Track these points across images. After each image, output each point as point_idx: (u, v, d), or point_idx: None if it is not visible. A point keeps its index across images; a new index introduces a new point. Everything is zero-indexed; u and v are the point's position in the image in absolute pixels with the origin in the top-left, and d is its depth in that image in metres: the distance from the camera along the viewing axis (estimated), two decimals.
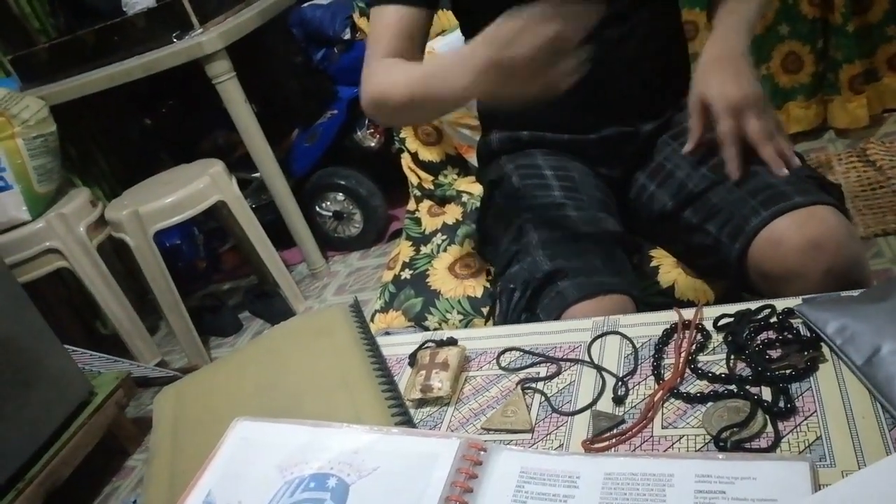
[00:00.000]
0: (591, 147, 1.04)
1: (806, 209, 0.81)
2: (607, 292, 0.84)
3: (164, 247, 2.44)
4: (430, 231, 1.46)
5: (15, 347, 1.62)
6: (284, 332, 0.85)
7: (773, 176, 0.86)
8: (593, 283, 0.85)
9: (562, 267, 0.88)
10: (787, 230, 0.81)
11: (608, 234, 0.94)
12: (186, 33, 2.15)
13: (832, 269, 0.79)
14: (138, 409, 2.18)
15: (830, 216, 0.81)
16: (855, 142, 2.07)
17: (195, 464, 0.66)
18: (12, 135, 2.04)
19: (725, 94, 0.86)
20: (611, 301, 0.83)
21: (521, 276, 0.90)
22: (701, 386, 0.61)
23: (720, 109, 0.86)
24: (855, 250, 0.82)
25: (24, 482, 1.59)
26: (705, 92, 0.88)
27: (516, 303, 0.89)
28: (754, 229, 0.83)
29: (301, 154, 2.53)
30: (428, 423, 0.68)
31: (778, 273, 0.82)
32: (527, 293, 0.88)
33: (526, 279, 0.89)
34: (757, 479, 0.49)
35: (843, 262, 0.79)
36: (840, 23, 1.98)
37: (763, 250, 0.83)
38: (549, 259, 0.90)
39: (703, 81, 0.90)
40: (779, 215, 0.82)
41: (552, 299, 0.86)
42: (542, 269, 0.88)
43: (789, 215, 0.81)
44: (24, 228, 2.08)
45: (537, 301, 0.87)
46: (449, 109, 1.26)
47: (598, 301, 0.83)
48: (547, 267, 0.88)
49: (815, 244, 0.79)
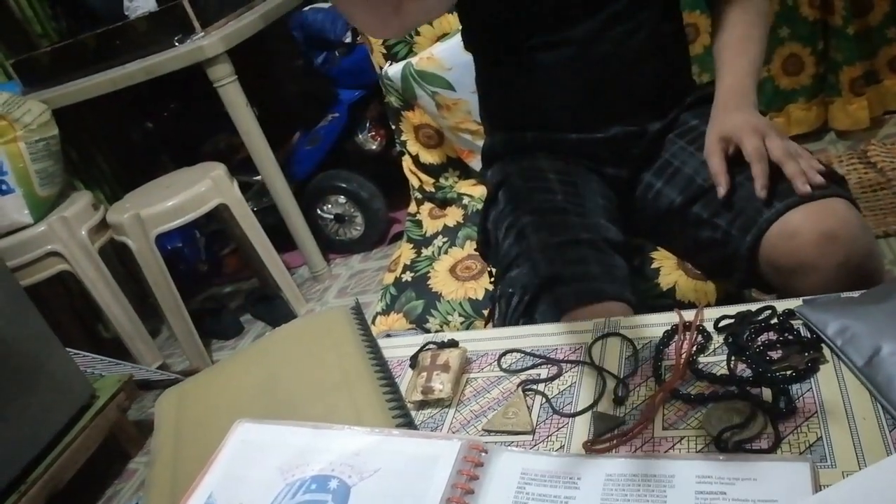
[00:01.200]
0: (598, 147, 1.04)
1: (820, 202, 0.81)
2: (605, 299, 0.84)
3: (165, 250, 2.44)
4: (431, 233, 1.47)
5: (17, 350, 1.62)
6: (285, 335, 0.85)
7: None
8: (591, 290, 0.85)
9: (560, 273, 0.88)
10: (802, 222, 0.80)
11: (608, 241, 0.94)
12: (188, 37, 2.15)
13: (847, 261, 0.79)
14: (140, 412, 2.18)
15: (844, 209, 0.81)
16: (856, 143, 2.07)
17: (197, 466, 0.67)
18: (14, 138, 2.04)
19: (746, 121, 0.88)
20: (608, 308, 0.83)
21: (520, 281, 0.91)
22: (701, 387, 0.61)
23: (744, 134, 0.87)
24: (868, 243, 0.82)
25: (26, 485, 1.59)
26: (723, 128, 0.90)
27: (514, 307, 0.89)
28: (767, 221, 0.83)
29: (302, 157, 2.53)
30: (429, 425, 0.68)
31: (791, 265, 0.82)
32: (525, 298, 0.88)
33: (525, 284, 0.89)
34: (757, 480, 0.50)
35: (858, 254, 0.79)
36: (840, 25, 1.98)
37: (776, 242, 0.82)
38: (548, 264, 0.90)
39: (719, 121, 0.91)
40: (792, 207, 0.81)
41: (550, 305, 0.86)
42: (540, 275, 0.89)
43: (803, 207, 0.81)
44: (26, 232, 2.08)
45: (535, 306, 0.87)
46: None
47: (596, 308, 0.83)
48: (546, 272, 0.88)
49: (830, 236, 0.79)
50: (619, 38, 0.97)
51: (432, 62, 1.45)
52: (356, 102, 2.41)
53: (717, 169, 0.88)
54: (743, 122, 0.88)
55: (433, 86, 1.46)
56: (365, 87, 2.34)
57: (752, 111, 0.91)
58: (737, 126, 0.88)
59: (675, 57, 1.07)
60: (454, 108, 1.48)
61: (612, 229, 0.97)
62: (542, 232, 0.94)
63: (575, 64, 0.98)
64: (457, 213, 1.49)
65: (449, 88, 1.45)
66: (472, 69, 1.17)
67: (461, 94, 1.45)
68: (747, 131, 0.87)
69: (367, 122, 2.47)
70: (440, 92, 1.46)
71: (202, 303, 2.68)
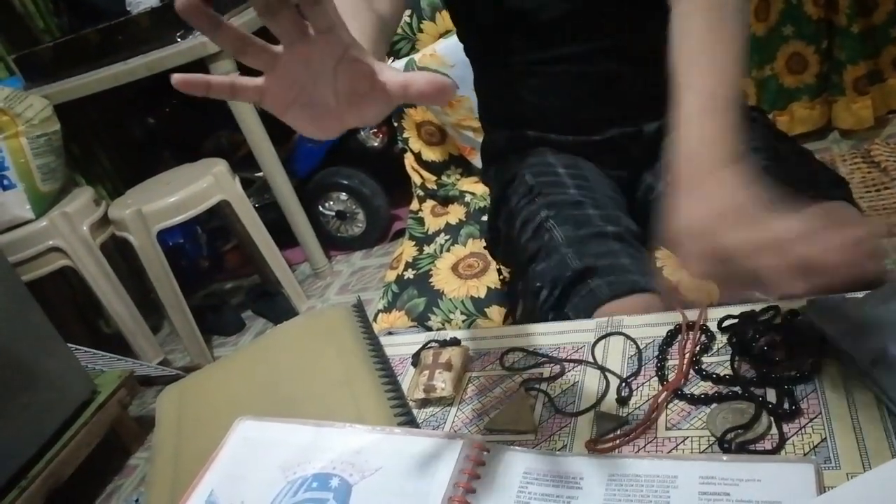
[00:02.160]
0: (596, 149, 1.04)
1: (820, 206, 0.81)
2: (639, 291, 0.83)
3: (167, 246, 2.44)
4: (433, 231, 1.46)
5: (18, 346, 1.62)
6: (287, 332, 0.85)
7: (785, 171, 0.85)
8: (625, 282, 0.83)
9: (592, 265, 0.86)
10: None
11: (630, 232, 0.93)
12: (190, 33, 2.15)
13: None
14: (141, 408, 2.19)
15: (845, 213, 0.80)
16: (859, 143, 2.07)
17: (198, 463, 0.66)
18: (16, 133, 2.04)
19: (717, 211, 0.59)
20: (641, 300, 0.82)
21: (548, 275, 0.89)
22: (705, 387, 0.61)
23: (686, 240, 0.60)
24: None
25: (27, 480, 1.59)
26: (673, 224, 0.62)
27: (544, 301, 0.87)
28: None
29: (304, 154, 2.53)
30: (431, 424, 0.68)
31: None
32: (555, 292, 0.86)
33: (555, 277, 0.87)
34: (761, 481, 0.49)
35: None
36: (845, 24, 1.97)
37: None
38: (578, 257, 0.88)
39: (677, 211, 0.62)
40: None
41: (583, 298, 0.84)
42: (571, 268, 0.87)
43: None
44: (28, 227, 2.09)
45: (567, 300, 0.85)
46: None
47: (630, 300, 0.82)
48: (577, 265, 0.87)
49: None
50: (615, 50, 0.97)
51: (435, 59, 1.45)
52: None
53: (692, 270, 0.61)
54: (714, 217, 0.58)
55: None
56: None
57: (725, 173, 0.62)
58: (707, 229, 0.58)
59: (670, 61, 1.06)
60: (457, 105, 1.47)
61: (629, 219, 0.96)
62: (564, 225, 0.93)
63: (570, 71, 0.98)
64: (459, 211, 1.49)
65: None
66: None
67: (464, 91, 1.44)
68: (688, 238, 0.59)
69: None
70: None
71: (203, 299, 2.68)
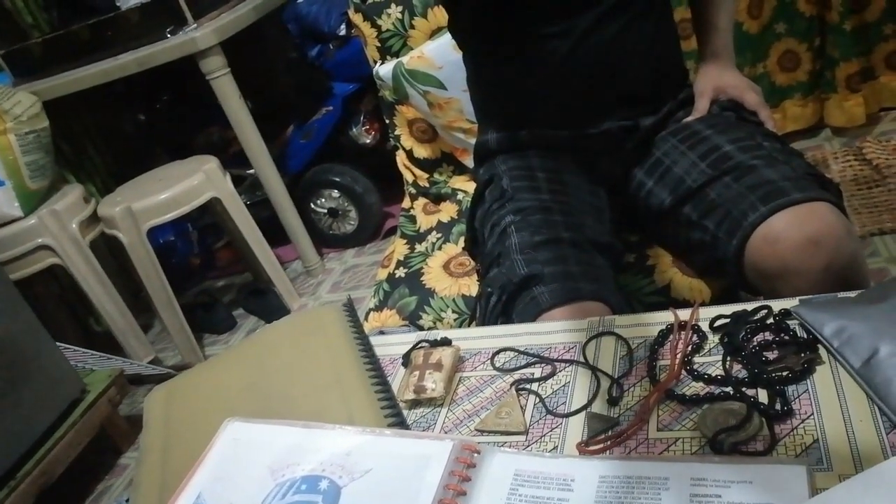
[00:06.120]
0: (592, 142, 1.03)
1: (804, 205, 0.80)
2: (582, 299, 0.83)
3: (157, 243, 2.43)
4: (424, 229, 1.46)
5: (7, 344, 1.61)
6: (276, 332, 0.84)
7: (772, 172, 0.85)
8: (568, 290, 0.84)
9: (537, 272, 0.87)
10: (785, 227, 0.80)
11: (591, 241, 0.93)
12: (180, 28, 2.13)
13: (830, 266, 0.78)
14: (131, 407, 2.17)
15: (829, 213, 0.80)
16: (851, 140, 2.07)
17: (186, 465, 0.66)
18: (4, 130, 2.02)
19: (741, 79, 1.08)
20: (586, 308, 0.82)
21: (498, 280, 0.90)
22: (697, 388, 0.61)
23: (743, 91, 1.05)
24: (853, 248, 0.81)
25: (17, 480, 1.58)
26: (720, 82, 1.06)
27: (493, 307, 0.89)
28: (751, 225, 0.82)
29: (296, 150, 2.52)
30: (421, 425, 0.67)
31: (775, 270, 0.81)
32: (502, 298, 0.88)
33: (503, 283, 0.89)
34: (753, 483, 0.49)
35: (841, 259, 0.79)
36: (837, 21, 1.97)
37: (760, 247, 0.82)
38: (525, 264, 0.89)
39: (716, 75, 1.07)
40: (777, 211, 0.81)
41: (526, 305, 0.85)
42: (518, 274, 0.88)
43: (787, 211, 0.80)
44: (16, 225, 2.07)
45: (512, 306, 0.87)
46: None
47: (573, 307, 0.82)
48: (523, 272, 0.88)
49: (814, 241, 0.78)
50: (612, 33, 0.97)
51: (423, 61, 1.44)
52: (350, 96, 2.39)
53: (703, 108, 1.03)
54: (738, 81, 1.06)
55: (424, 85, 1.45)
56: (359, 80, 2.32)
57: (738, 72, 1.10)
58: (733, 84, 1.05)
59: (668, 52, 1.07)
60: (446, 106, 1.47)
61: (598, 229, 0.96)
62: (523, 231, 0.94)
63: (567, 59, 0.98)
64: (451, 209, 1.48)
65: (440, 87, 1.44)
66: (463, 67, 1.16)
67: (452, 92, 1.44)
68: (745, 89, 1.04)
69: (361, 115, 2.45)
70: (431, 91, 1.45)
71: (194, 297, 2.67)
